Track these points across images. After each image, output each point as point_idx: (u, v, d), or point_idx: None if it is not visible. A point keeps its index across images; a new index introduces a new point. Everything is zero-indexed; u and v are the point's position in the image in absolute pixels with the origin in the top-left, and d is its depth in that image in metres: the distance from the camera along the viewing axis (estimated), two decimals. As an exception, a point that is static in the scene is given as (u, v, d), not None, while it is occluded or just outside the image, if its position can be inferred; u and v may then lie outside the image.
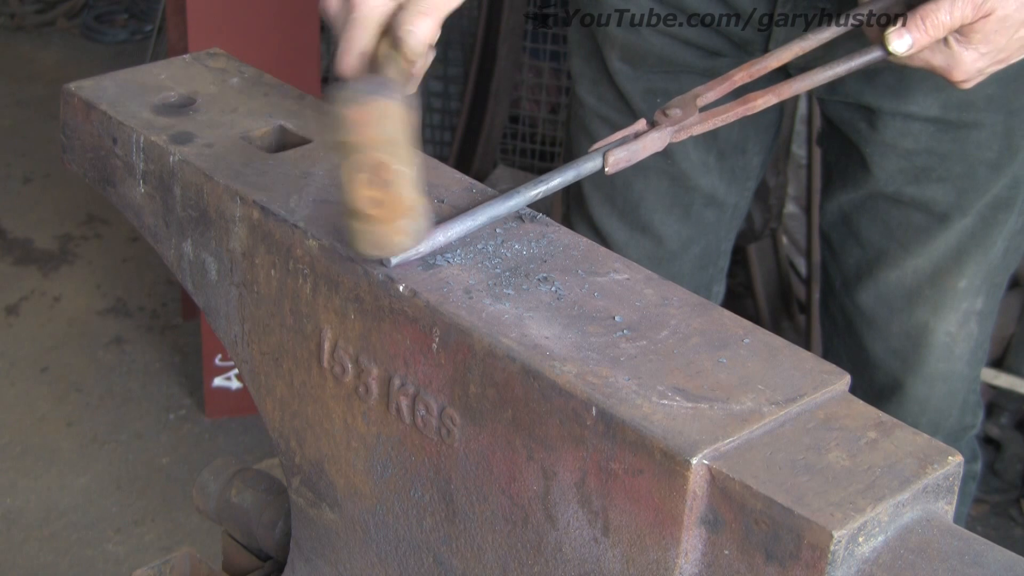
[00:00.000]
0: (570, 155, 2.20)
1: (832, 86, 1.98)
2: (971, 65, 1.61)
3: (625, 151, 1.40)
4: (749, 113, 1.51)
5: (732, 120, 1.49)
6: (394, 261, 1.26)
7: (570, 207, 2.22)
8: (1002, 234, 2.03)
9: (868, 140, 1.99)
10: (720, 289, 2.27)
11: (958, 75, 1.62)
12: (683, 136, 1.45)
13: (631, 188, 2.10)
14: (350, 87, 1.22)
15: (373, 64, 1.34)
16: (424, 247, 1.28)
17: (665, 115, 1.45)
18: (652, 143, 1.42)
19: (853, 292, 2.12)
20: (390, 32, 1.33)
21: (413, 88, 1.37)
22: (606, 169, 1.39)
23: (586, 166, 1.38)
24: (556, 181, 1.36)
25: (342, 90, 1.21)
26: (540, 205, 1.41)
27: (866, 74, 1.94)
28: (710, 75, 1.99)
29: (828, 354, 2.21)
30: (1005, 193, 2.00)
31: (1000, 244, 2.04)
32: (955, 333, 2.08)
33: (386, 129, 1.21)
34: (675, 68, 2.01)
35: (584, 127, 2.13)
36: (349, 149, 1.21)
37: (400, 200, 1.23)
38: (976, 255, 2.03)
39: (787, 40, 1.80)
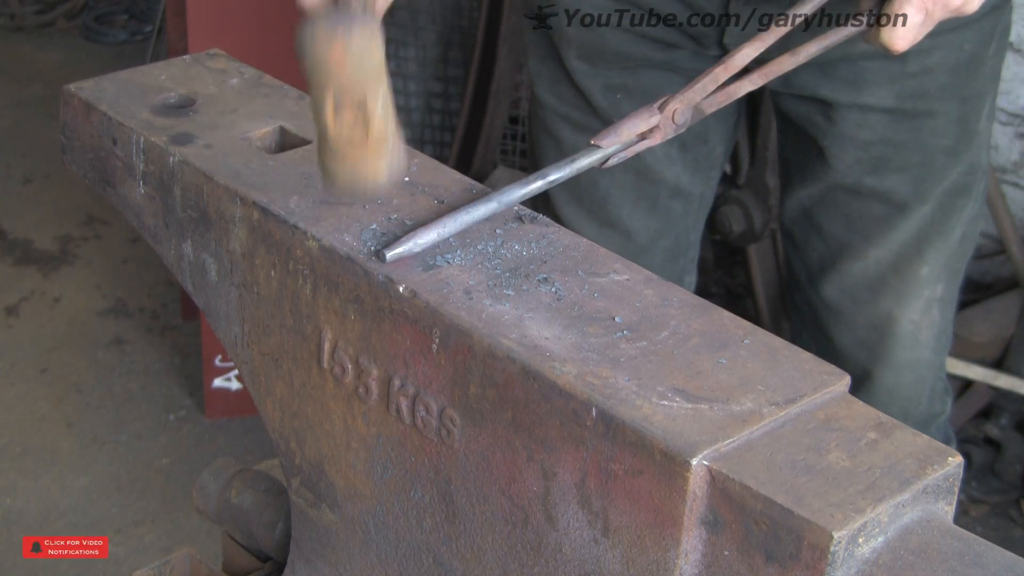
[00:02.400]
0: (535, 155, 2.22)
1: (787, 80, 2.00)
2: None
3: (620, 139, 1.40)
4: (736, 97, 1.52)
5: (732, 101, 1.50)
6: (389, 256, 1.26)
7: (536, 207, 2.23)
8: (960, 220, 2.06)
9: (825, 133, 2.01)
10: (692, 280, 2.29)
11: None
12: (682, 121, 1.46)
13: (597, 184, 2.11)
14: (321, 24, 1.18)
15: None
16: (420, 244, 1.28)
17: (658, 110, 1.45)
18: (649, 132, 1.43)
19: (818, 285, 2.14)
20: None
21: (378, 19, 1.34)
22: (606, 151, 1.40)
23: (583, 161, 1.39)
24: (552, 177, 1.36)
25: (313, 28, 1.18)
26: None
27: (821, 67, 1.95)
28: (668, 68, 2.01)
29: None
30: (962, 180, 2.03)
31: (958, 230, 2.06)
32: (919, 321, 2.10)
33: (363, 65, 1.19)
34: (633, 63, 2.02)
35: (545, 127, 2.14)
36: (325, 88, 1.20)
37: (379, 135, 1.21)
38: (936, 242, 2.06)
39: (743, 35, 1.82)
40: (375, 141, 1.21)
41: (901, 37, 1.60)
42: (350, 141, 1.21)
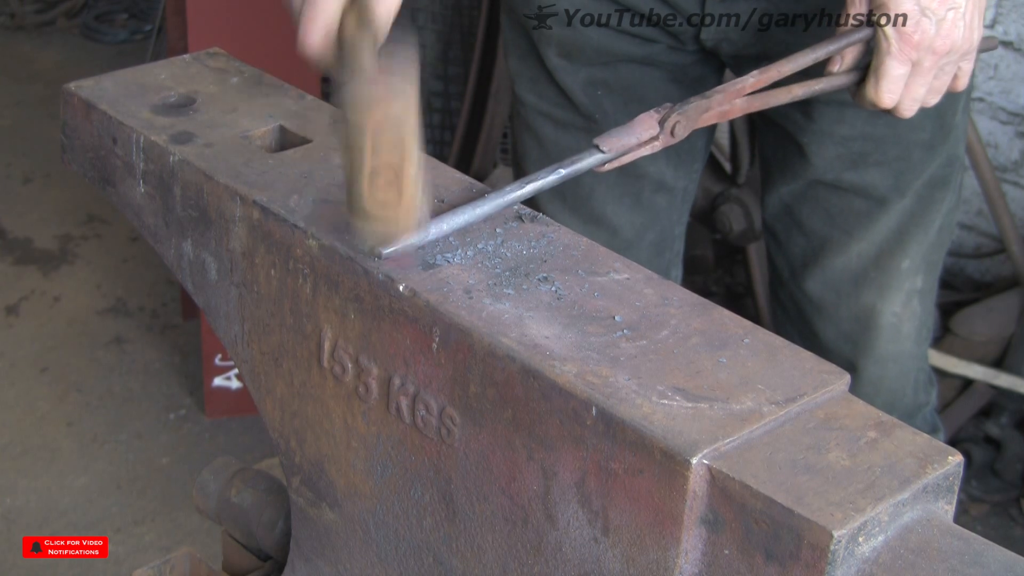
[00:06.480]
0: (517, 154, 2.22)
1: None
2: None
3: (621, 143, 1.41)
4: (734, 116, 1.53)
5: (734, 116, 1.51)
6: (386, 252, 1.26)
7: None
8: (939, 212, 2.07)
9: (804, 130, 2.02)
10: (678, 273, 2.30)
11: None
12: (681, 135, 1.47)
13: (580, 181, 2.12)
14: (362, 87, 1.19)
15: (338, 38, 1.30)
16: (419, 240, 1.28)
17: (659, 124, 1.46)
18: (649, 139, 1.44)
19: (801, 280, 2.15)
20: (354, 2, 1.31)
21: (387, 28, 1.32)
22: (604, 154, 1.41)
23: (584, 162, 1.40)
24: (552, 177, 1.37)
25: (354, 91, 1.19)
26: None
27: None
28: (647, 62, 2.02)
29: None
30: (940, 172, 2.04)
31: (937, 222, 2.08)
32: (900, 313, 2.12)
33: (401, 129, 1.19)
34: (613, 58, 2.03)
35: (527, 126, 2.15)
36: (362, 152, 1.20)
37: (409, 199, 1.22)
38: (917, 235, 2.07)
39: (719, 33, 1.83)
40: (407, 203, 1.22)
41: (886, 92, 1.65)
42: (383, 204, 1.22)
